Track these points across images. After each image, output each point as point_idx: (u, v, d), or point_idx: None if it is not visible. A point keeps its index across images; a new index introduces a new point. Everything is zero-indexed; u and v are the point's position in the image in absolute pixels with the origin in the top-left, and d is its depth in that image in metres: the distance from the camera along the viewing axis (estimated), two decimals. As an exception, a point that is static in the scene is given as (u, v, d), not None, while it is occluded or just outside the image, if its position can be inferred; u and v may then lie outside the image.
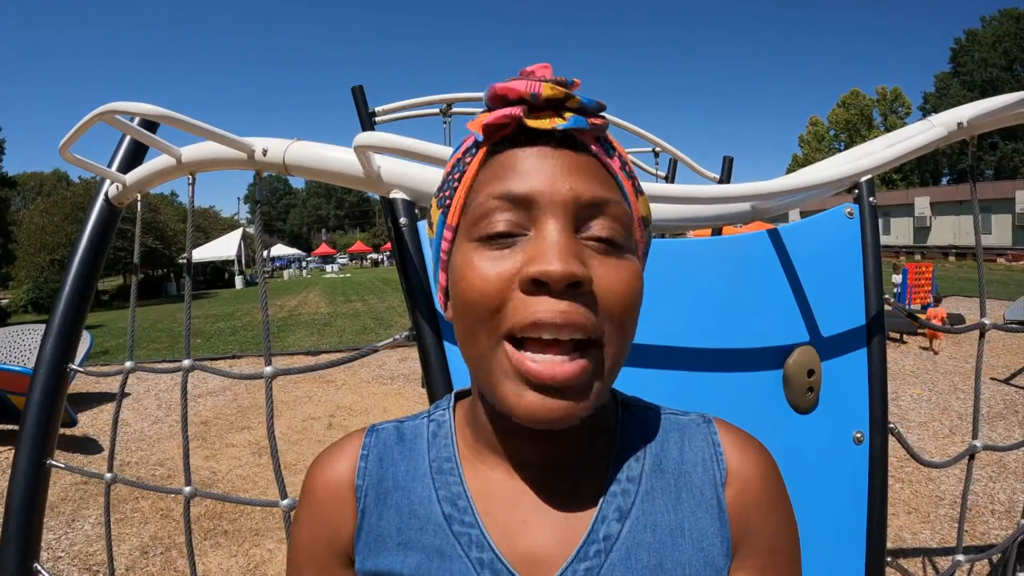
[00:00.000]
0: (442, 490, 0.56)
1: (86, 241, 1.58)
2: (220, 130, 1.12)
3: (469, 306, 0.50)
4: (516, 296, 0.48)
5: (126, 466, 5.10)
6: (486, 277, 0.49)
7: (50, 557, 3.59)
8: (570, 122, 0.49)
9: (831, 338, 1.21)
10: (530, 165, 0.50)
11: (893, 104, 50.25)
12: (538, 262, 0.47)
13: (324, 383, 7.93)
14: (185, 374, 1.29)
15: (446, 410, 0.63)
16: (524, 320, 0.47)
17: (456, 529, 0.54)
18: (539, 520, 0.54)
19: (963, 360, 8.15)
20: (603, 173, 0.52)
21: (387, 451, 0.60)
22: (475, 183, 0.53)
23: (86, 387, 7.93)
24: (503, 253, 0.49)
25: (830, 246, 1.24)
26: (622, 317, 0.50)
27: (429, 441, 0.60)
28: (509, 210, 0.50)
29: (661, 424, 0.60)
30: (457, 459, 0.58)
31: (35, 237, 23.46)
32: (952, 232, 32.15)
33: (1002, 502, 3.96)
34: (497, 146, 0.52)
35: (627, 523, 0.54)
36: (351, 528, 0.58)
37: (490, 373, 0.50)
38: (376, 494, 0.58)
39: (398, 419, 0.64)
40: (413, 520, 0.56)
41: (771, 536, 0.56)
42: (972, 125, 1.27)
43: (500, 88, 0.50)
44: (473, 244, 0.51)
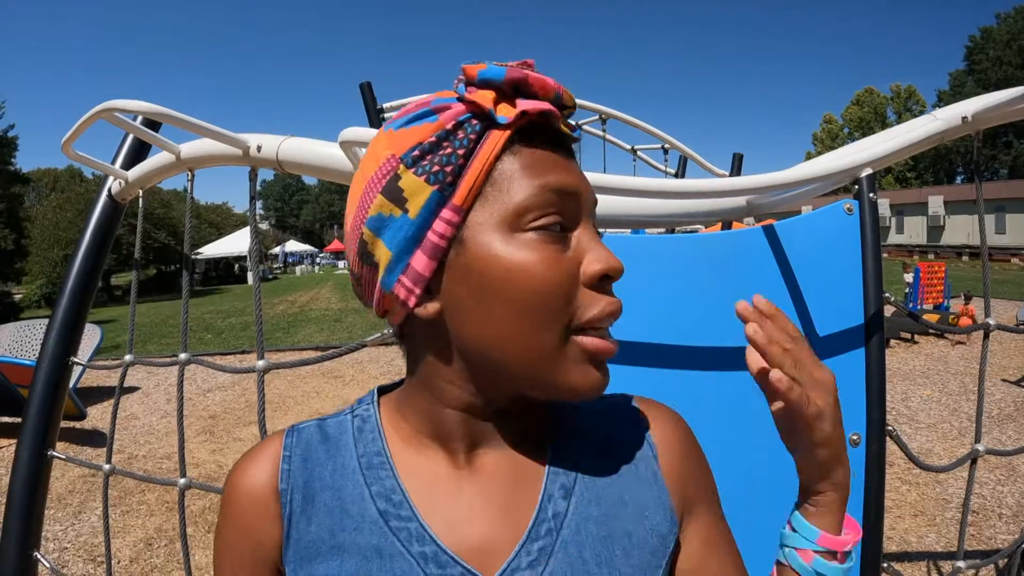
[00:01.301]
0: (374, 486, 0.54)
1: (89, 236, 1.60)
2: (215, 127, 1.13)
3: (538, 303, 0.49)
4: (583, 290, 0.50)
5: (134, 459, 5.15)
6: (559, 270, 0.50)
7: (56, 548, 3.64)
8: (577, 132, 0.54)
9: (827, 337, 1.19)
10: (563, 163, 0.52)
11: (908, 102, 49.84)
12: (604, 259, 0.51)
13: (332, 378, 7.97)
14: (181, 367, 1.31)
15: (370, 404, 0.60)
16: (601, 314, 0.50)
17: (394, 525, 0.52)
18: (485, 506, 0.53)
19: (974, 360, 8.06)
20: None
21: (311, 451, 0.57)
22: (499, 167, 0.50)
23: (97, 381, 8.01)
24: (560, 247, 0.50)
25: (828, 243, 1.23)
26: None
27: (355, 437, 0.57)
28: (562, 204, 0.51)
29: (591, 403, 0.62)
30: (387, 453, 0.56)
31: (48, 233, 23.70)
32: (966, 231, 31.80)
33: (1010, 506, 3.92)
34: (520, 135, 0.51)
35: (572, 499, 0.55)
36: (278, 537, 0.54)
37: (555, 363, 0.50)
38: (303, 497, 0.54)
39: (319, 417, 0.61)
40: (346, 520, 0.53)
41: (705, 491, 0.61)
42: (977, 119, 1.25)
43: (534, 78, 0.50)
44: (527, 235, 0.49)
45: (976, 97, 1.30)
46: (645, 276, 1.10)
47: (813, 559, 0.57)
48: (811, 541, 0.57)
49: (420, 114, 0.52)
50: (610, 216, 1.15)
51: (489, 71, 0.50)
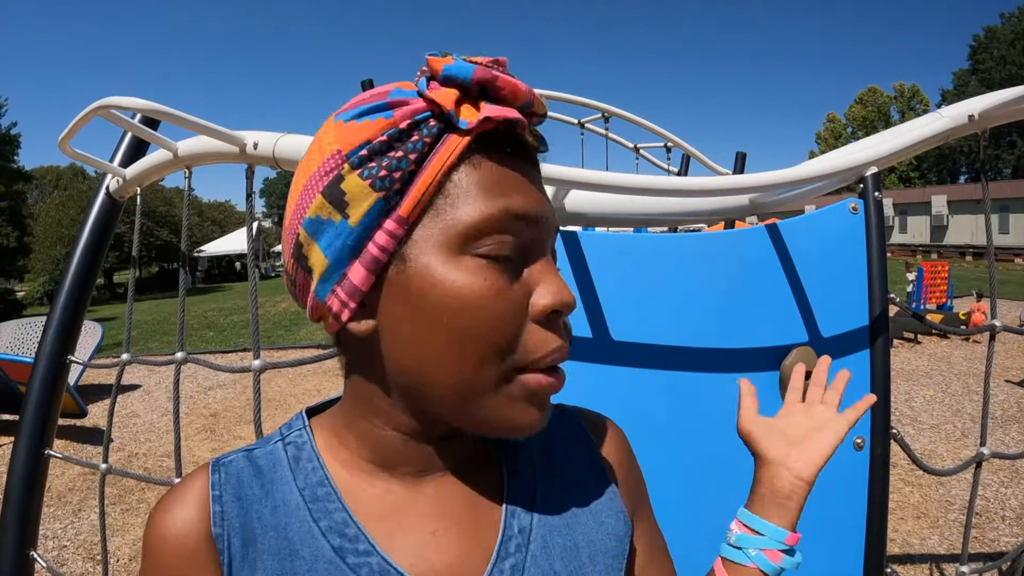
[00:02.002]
0: (323, 520, 0.48)
1: (87, 234, 1.59)
2: (211, 124, 1.12)
3: (480, 335, 0.44)
4: (530, 326, 0.46)
5: (134, 457, 5.14)
6: (506, 304, 0.45)
7: (55, 546, 3.63)
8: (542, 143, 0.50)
9: (831, 339, 1.18)
10: (525, 181, 0.47)
11: (911, 101, 49.68)
12: (555, 293, 0.47)
13: (333, 376, 7.96)
14: (178, 367, 1.30)
15: (302, 430, 0.54)
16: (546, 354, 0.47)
17: (351, 561, 0.47)
18: (449, 529, 0.50)
19: (977, 361, 8.03)
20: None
21: (243, 487, 0.49)
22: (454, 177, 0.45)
23: (98, 379, 8.01)
24: (511, 276, 0.46)
25: (832, 242, 1.21)
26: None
27: (292, 467, 0.51)
28: (520, 230, 0.46)
29: None
30: (331, 483, 0.50)
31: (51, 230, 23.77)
32: (969, 231, 31.72)
33: (1013, 508, 3.90)
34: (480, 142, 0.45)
35: (535, 512, 0.54)
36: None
37: (493, 398, 0.46)
38: (242, 541, 0.47)
39: (244, 448, 0.53)
40: (298, 562, 0.46)
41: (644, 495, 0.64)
42: (983, 118, 1.23)
43: (504, 81, 0.45)
44: (474, 260, 0.45)
45: (983, 95, 1.28)
46: (649, 275, 1.08)
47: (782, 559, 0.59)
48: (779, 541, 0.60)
49: (374, 107, 0.46)
50: (613, 215, 1.13)
51: (455, 67, 0.44)
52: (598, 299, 1.06)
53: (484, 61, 0.46)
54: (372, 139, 0.45)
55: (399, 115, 0.45)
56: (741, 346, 1.11)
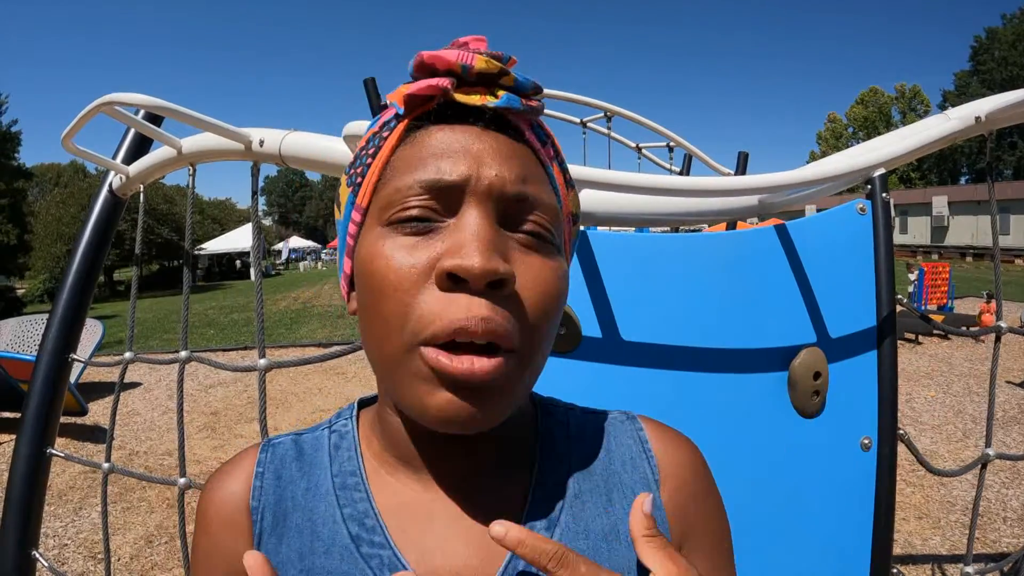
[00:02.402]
0: (347, 508, 0.50)
1: (90, 232, 1.58)
2: (217, 121, 1.11)
3: (379, 301, 0.44)
4: (431, 293, 0.43)
5: (135, 455, 5.14)
6: (398, 268, 0.43)
7: (56, 544, 3.63)
8: (502, 100, 0.45)
9: (839, 339, 1.17)
10: (455, 146, 0.45)
11: (912, 101, 49.68)
12: (457, 254, 0.42)
13: (335, 375, 7.96)
14: (182, 365, 1.29)
15: (348, 419, 0.56)
16: (445, 329, 0.41)
17: (365, 551, 0.48)
18: (460, 535, 0.49)
19: (978, 362, 8.03)
20: (534, 162, 0.48)
21: (285, 467, 0.53)
22: (392, 161, 0.47)
23: (99, 377, 8.01)
24: (418, 241, 0.44)
25: (840, 243, 1.21)
26: (544, 321, 0.46)
27: (331, 454, 0.54)
28: (427, 194, 0.44)
29: (584, 425, 0.57)
30: (363, 473, 0.52)
31: (51, 228, 23.75)
32: (970, 232, 31.72)
33: (1015, 509, 3.89)
34: (419, 122, 0.47)
35: (556, 531, 0.49)
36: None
37: (401, 376, 0.44)
38: (274, 516, 0.51)
39: (296, 431, 0.57)
40: (317, 543, 0.49)
41: (710, 527, 0.55)
42: (990, 119, 1.23)
43: (428, 57, 0.45)
44: (384, 229, 0.45)
45: (989, 97, 1.28)
46: (657, 275, 1.08)
47: None
48: None
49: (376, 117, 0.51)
50: (622, 214, 1.12)
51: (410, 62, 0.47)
52: (607, 298, 1.05)
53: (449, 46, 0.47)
54: (360, 145, 0.51)
55: (380, 120, 0.50)
56: (750, 346, 1.10)
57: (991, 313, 9.40)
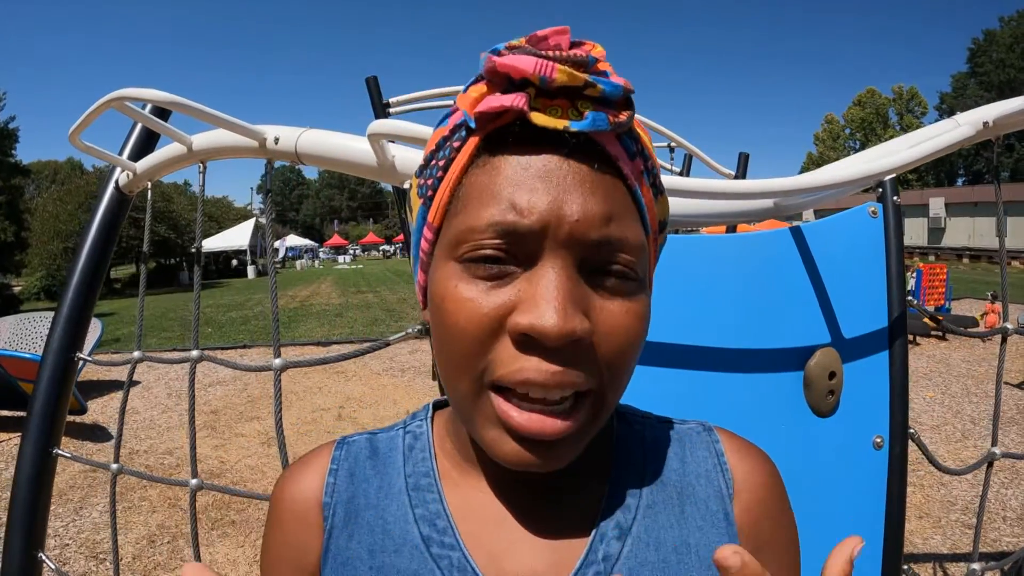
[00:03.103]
0: (419, 508, 0.51)
1: (96, 229, 1.57)
2: (231, 117, 1.10)
3: (451, 342, 0.43)
4: (504, 344, 0.41)
5: (135, 454, 5.12)
6: (471, 314, 0.42)
7: (57, 544, 3.61)
8: (587, 122, 0.40)
9: (853, 340, 1.18)
10: (532, 182, 0.41)
11: (909, 103, 49.80)
12: (531, 312, 0.40)
13: (334, 374, 7.95)
14: (193, 365, 1.28)
15: (423, 421, 0.57)
16: (513, 377, 0.41)
17: (435, 552, 0.48)
18: (530, 541, 0.49)
19: (976, 363, 8.05)
20: (621, 192, 0.43)
21: (358, 466, 0.54)
22: (464, 183, 0.44)
23: (97, 375, 7.98)
24: (492, 287, 0.42)
25: (853, 245, 1.21)
26: (622, 363, 0.44)
27: (405, 455, 0.54)
28: (502, 239, 0.41)
29: (660, 434, 0.56)
30: (436, 475, 0.52)
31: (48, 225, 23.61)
32: (967, 234, 31.82)
33: (1014, 508, 3.91)
34: (492, 138, 0.42)
35: (628, 541, 0.49)
36: (318, 551, 0.52)
37: (472, 415, 0.45)
38: (345, 513, 0.52)
39: (371, 431, 0.58)
40: (387, 541, 0.50)
41: (781, 548, 0.53)
42: (998, 125, 1.23)
43: (501, 65, 0.40)
44: (456, 266, 0.43)
45: (997, 103, 1.29)
46: (673, 276, 1.08)
47: None
48: None
49: (444, 115, 0.47)
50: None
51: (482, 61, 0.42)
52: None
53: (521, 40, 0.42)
54: (431, 147, 0.47)
55: (451, 121, 0.46)
56: (766, 347, 1.10)
57: (995, 313, 9.37)
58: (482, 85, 0.42)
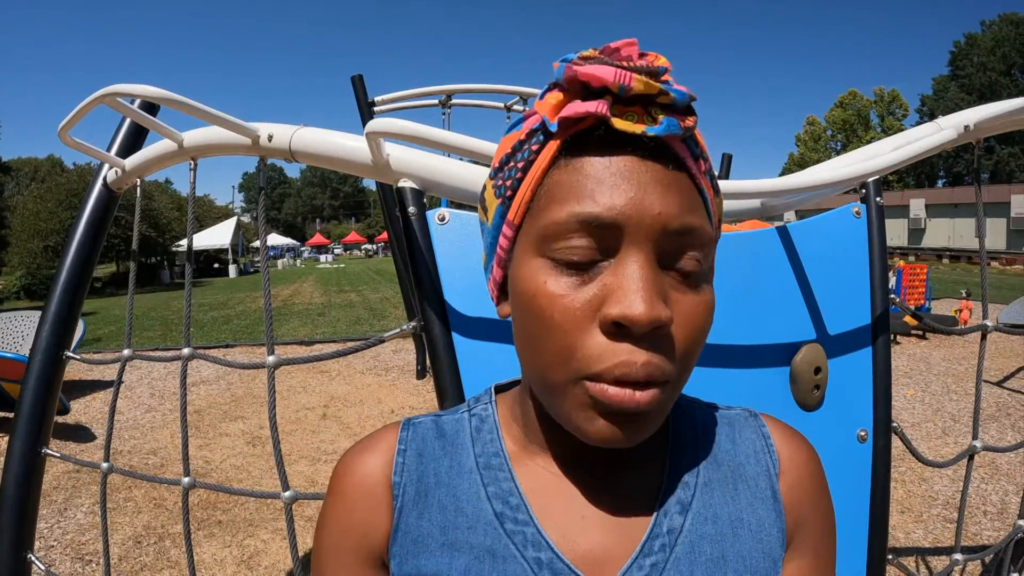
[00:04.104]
0: (491, 487, 0.53)
1: (84, 226, 1.56)
2: (224, 114, 1.10)
3: (544, 336, 0.46)
4: (595, 335, 0.44)
5: (119, 454, 5.07)
6: (563, 308, 0.44)
7: (42, 546, 3.56)
8: (662, 127, 0.43)
9: (837, 336, 1.20)
10: (614, 180, 0.44)
11: (891, 106, 50.37)
12: (622, 303, 0.42)
13: (318, 373, 7.91)
14: (184, 363, 1.27)
15: (488, 404, 0.59)
16: (611, 372, 0.43)
17: (509, 527, 0.51)
18: (598, 517, 0.52)
19: (956, 361, 8.17)
20: (691, 189, 0.46)
21: (427, 446, 0.56)
22: (545, 183, 0.47)
23: (79, 375, 7.88)
24: (579, 280, 0.45)
25: (838, 245, 1.24)
26: (693, 352, 0.48)
27: (472, 436, 0.57)
28: (587, 232, 0.44)
29: (710, 417, 0.60)
30: (505, 454, 0.55)
31: (29, 223, 23.27)
32: (946, 235, 32.28)
33: (995, 503, 3.98)
34: (572, 142, 0.45)
35: (689, 516, 0.52)
36: (386, 529, 0.54)
37: (563, 401, 0.47)
38: (416, 491, 0.54)
39: (434, 413, 0.60)
40: (460, 518, 0.52)
41: (820, 527, 0.57)
42: (978, 128, 1.27)
43: (583, 73, 0.43)
44: (543, 261, 0.46)
45: (978, 107, 1.32)
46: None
47: None
48: None
49: (518, 120, 0.51)
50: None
51: (559, 69, 0.45)
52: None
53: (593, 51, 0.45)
54: (506, 151, 0.50)
55: (525, 126, 0.49)
56: (753, 343, 1.12)
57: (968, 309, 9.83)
58: (558, 92, 0.46)
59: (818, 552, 0.57)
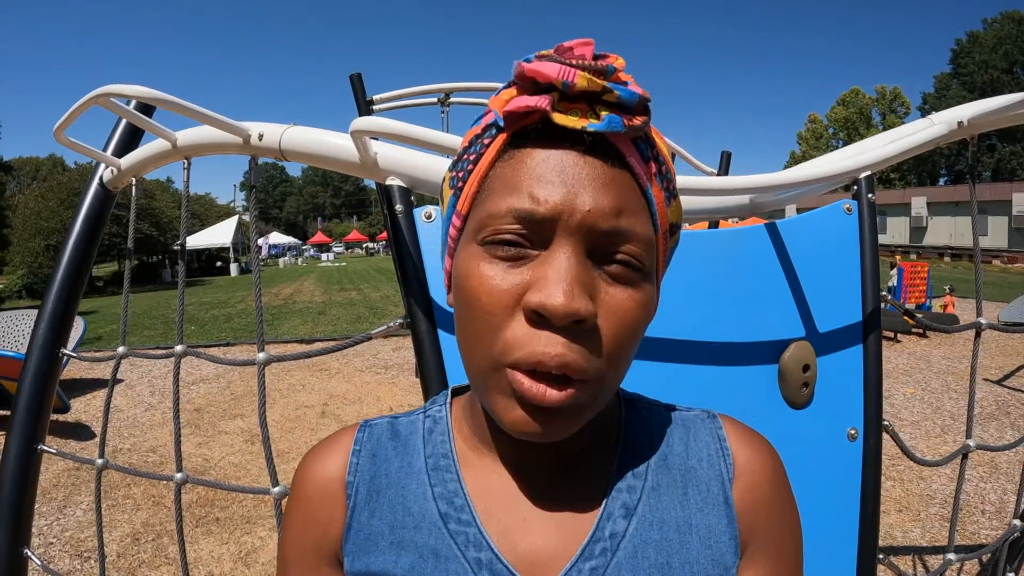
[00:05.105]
0: (438, 487, 0.54)
1: (80, 225, 1.57)
2: (216, 114, 1.10)
3: (472, 319, 0.47)
4: (518, 322, 0.45)
5: (119, 452, 5.09)
6: (490, 292, 0.45)
7: (41, 543, 3.58)
8: (603, 123, 0.44)
9: (827, 334, 1.20)
10: (551, 174, 0.45)
11: (892, 103, 50.32)
12: (542, 292, 0.43)
13: (318, 371, 7.93)
14: (177, 359, 1.28)
15: (443, 406, 0.60)
16: (527, 360, 0.44)
17: (452, 528, 0.52)
18: (540, 519, 0.52)
19: (956, 360, 8.17)
20: (632, 188, 0.47)
21: (380, 447, 0.58)
22: (490, 176, 0.48)
23: (80, 373, 7.91)
24: (509, 268, 0.46)
25: (828, 242, 1.24)
26: (621, 350, 0.47)
27: (424, 437, 0.58)
28: (520, 224, 0.45)
29: (665, 420, 0.59)
30: (454, 456, 0.56)
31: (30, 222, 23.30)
32: (948, 233, 32.22)
33: (992, 502, 3.98)
34: (518, 137, 0.47)
35: (633, 520, 0.52)
36: (340, 527, 0.55)
37: (487, 387, 0.47)
38: (368, 491, 0.55)
39: (392, 415, 0.61)
40: (407, 518, 0.53)
41: (779, 533, 0.55)
42: (972, 124, 1.26)
43: (529, 69, 0.45)
44: (479, 248, 0.47)
45: (972, 102, 1.31)
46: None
47: None
48: None
49: (479, 116, 0.52)
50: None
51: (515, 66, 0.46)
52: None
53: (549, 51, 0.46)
54: (464, 144, 0.52)
55: (483, 121, 0.50)
56: (740, 340, 1.13)
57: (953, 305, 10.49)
58: (512, 89, 0.47)
59: (780, 559, 0.55)
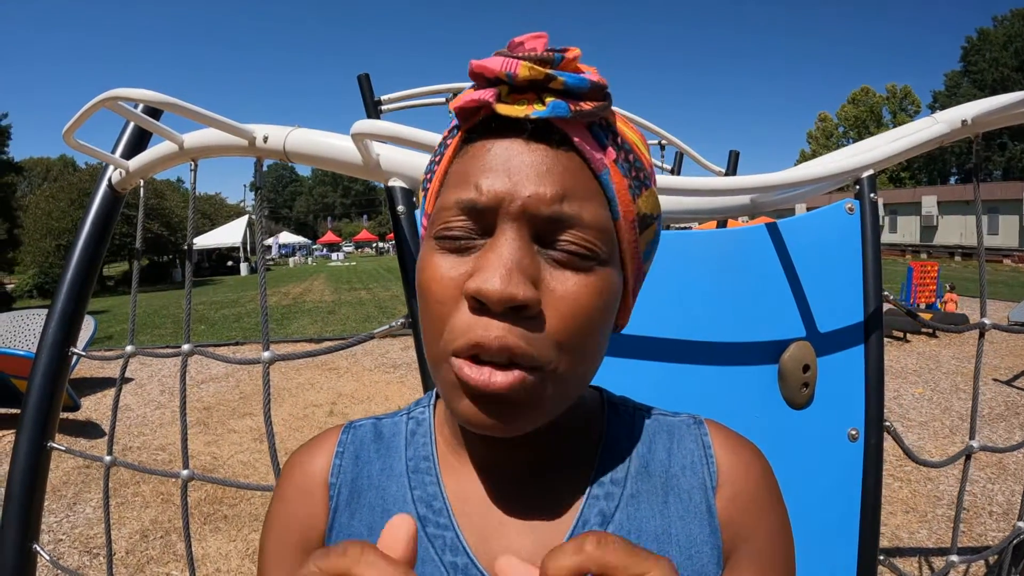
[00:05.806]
0: (417, 490, 0.53)
1: (89, 226, 1.59)
2: (221, 117, 1.12)
3: (424, 310, 0.48)
4: (463, 310, 0.44)
5: (128, 451, 5.13)
6: (439, 282, 0.46)
7: (51, 539, 3.62)
8: (547, 110, 0.43)
9: (828, 334, 1.21)
10: (495, 163, 0.45)
11: (903, 102, 49.97)
12: (479, 278, 0.43)
13: (327, 371, 7.96)
14: (184, 358, 1.30)
15: (426, 408, 0.60)
16: (466, 345, 0.43)
17: (430, 531, 0.51)
18: (517, 524, 0.51)
19: (966, 360, 8.11)
20: (582, 173, 0.46)
21: (363, 449, 0.58)
22: (449, 171, 0.49)
23: (90, 372, 7.97)
24: (457, 259, 0.46)
25: (829, 241, 1.24)
26: (574, 337, 0.45)
27: (407, 439, 0.57)
28: (464, 215, 0.45)
29: (649, 425, 0.57)
30: (435, 459, 0.55)
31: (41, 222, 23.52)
32: (959, 232, 31.97)
33: (1000, 503, 3.96)
34: (472, 132, 0.47)
35: (609, 528, 0.50)
36: (322, 528, 0.55)
37: (439, 378, 0.48)
38: (349, 492, 0.55)
39: (376, 416, 0.61)
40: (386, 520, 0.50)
41: (766, 543, 0.53)
42: (976, 123, 1.26)
43: (476, 65, 0.45)
44: (433, 242, 0.47)
45: (976, 101, 1.31)
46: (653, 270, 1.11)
47: None
48: None
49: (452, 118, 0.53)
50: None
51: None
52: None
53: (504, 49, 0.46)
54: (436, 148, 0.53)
55: (447, 129, 0.52)
56: (740, 340, 1.13)
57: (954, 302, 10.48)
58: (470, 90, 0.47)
59: (766, 569, 0.53)
